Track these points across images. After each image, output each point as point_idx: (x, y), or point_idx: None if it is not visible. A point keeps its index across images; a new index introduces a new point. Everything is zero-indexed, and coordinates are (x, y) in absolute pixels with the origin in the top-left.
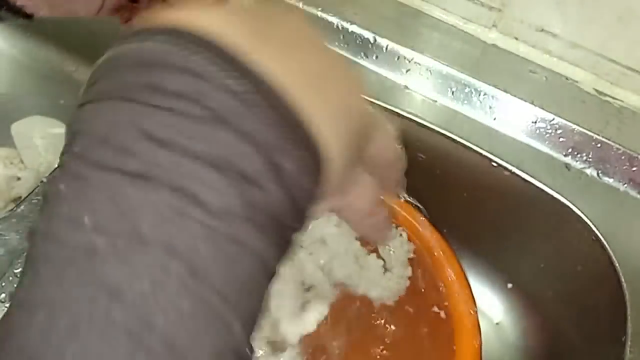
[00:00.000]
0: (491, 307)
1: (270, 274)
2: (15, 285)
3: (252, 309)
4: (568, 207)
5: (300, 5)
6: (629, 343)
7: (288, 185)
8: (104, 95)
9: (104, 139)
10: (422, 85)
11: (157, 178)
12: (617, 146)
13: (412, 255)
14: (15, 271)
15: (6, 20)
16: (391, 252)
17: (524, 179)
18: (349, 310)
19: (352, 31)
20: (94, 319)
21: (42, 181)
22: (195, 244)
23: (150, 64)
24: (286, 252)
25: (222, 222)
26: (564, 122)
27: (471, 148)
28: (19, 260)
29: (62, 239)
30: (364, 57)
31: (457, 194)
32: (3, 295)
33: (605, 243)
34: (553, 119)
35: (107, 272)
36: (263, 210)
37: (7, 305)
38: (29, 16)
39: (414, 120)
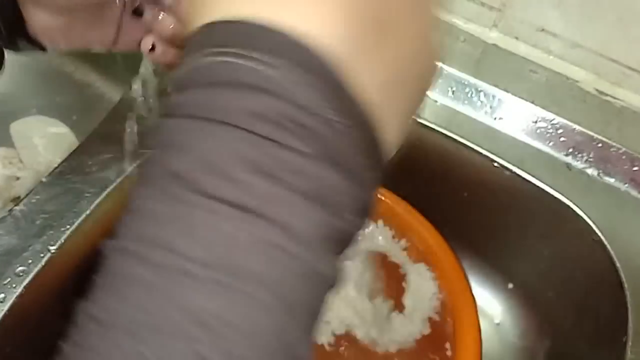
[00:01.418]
0: (491, 307)
1: (331, 290)
2: (24, 286)
3: (314, 329)
4: (569, 207)
5: None
6: (629, 343)
7: (365, 214)
8: (202, 112)
9: (209, 165)
10: None
11: (257, 210)
12: (618, 146)
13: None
14: (15, 271)
15: (24, 50)
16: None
17: (524, 179)
18: None
19: None
20: (177, 348)
21: (41, 181)
22: (284, 277)
23: (249, 86)
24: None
25: (309, 254)
26: (565, 122)
27: (472, 148)
28: (18, 260)
29: (154, 263)
30: None
31: (457, 194)
32: (2, 295)
33: (606, 243)
34: (554, 119)
35: (198, 301)
36: (341, 241)
37: (7, 305)
38: (44, 48)
39: (414, 120)
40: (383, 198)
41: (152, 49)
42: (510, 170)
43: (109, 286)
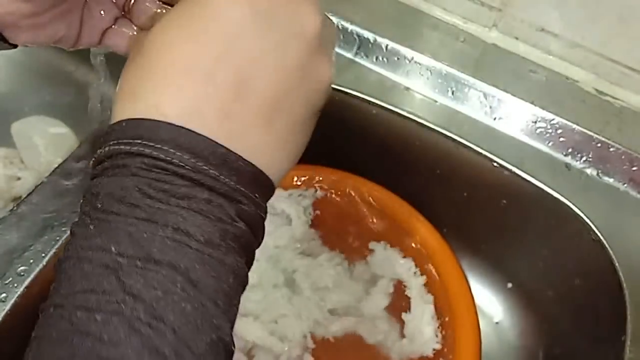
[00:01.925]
0: (491, 306)
1: (243, 284)
2: (25, 286)
3: (233, 311)
4: (568, 206)
5: None
6: (628, 343)
7: (249, 220)
8: (112, 172)
9: (119, 198)
10: (422, 85)
11: (160, 221)
12: (617, 146)
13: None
14: (17, 270)
15: None
16: None
17: (524, 179)
18: None
19: (352, 31)
20: (123, 314)
21: (42, 181)
22: (192, 264)
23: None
24: (251, 264)
25: (208, 248)
26: (564, 121)
27: (471, 148)
28: (19, 260)
29: (95, 261)
30: (364, 57)
31: (457, 194)
32: (3, 294)
33: (605, 243)
34: (553, 119)
35: (131, 283)
36: (235, 239)
37: (9, 304)
38: (11, 44)
39: (414, 120)
40: (383, 198)
41: None
42: (510, 170)
43: (63, 280)
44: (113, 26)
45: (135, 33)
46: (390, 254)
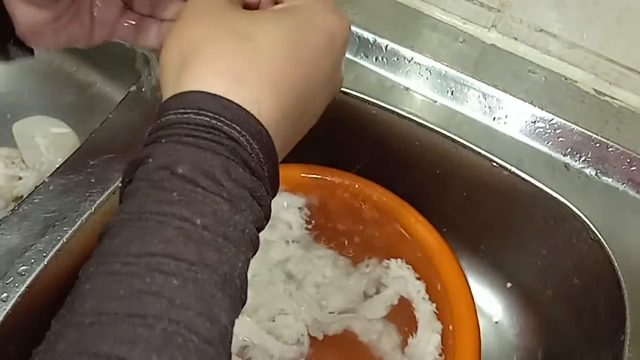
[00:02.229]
0: (490, 306)
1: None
2: (26, 286)
3: (237, 303)
4: (567, 206)
5: None
6: (627, 342)
7: (268, 204)
8: (194, 141)
9: (206, 173)
10: (421, 85)
11: (236, 205)
12: (616, 146)
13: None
14: (18, 270)
15: (14, 57)
16: None
17: (523, 179)
18: None
19: (352, 31)
20: (197, 283)
21: (43, 181)
22: (248, 249)
23: (204, 126)
24: (255, 252)
25: (258, 235)
26: (563, 122)
27: (471, 148)
28: (21, 260)
29: (179, 229)
30: (364, 57)
31: (456, 194)
32: (4, 294)
33: (604, 242)
34: (552, 119)
35: (209, 255)
36: (265, 220)
37: (10, 304)
38: (32, 52)
39: (414, 120)
40: (383, 198)
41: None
42: (509, 170)
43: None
44: (121, 18)
45: (137, 22)
46: (406, 273)
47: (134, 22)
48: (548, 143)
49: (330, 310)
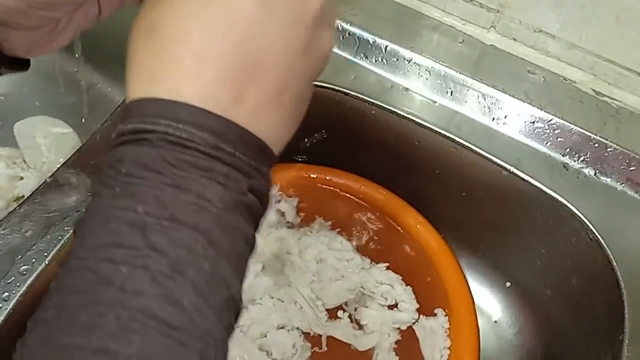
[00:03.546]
0: (489, 305)
1: (252, 249)
2: (28, 285)
3: (243, 273)
4: (566, 206)
5: None
6: (626, 342)
7: (259, 193)
8: (136, 144)
9: (144, 165)
10: (421, 86)
11: (183, 187)
12: (615, 146)
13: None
14: (19, 270)
15: (4, 74)
16: None
17: (522, 179)
18: None
19: (352, 32)
20: (148, 268)
21: (45, 181)
22: (211, 227)
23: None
24: (258, 230)
25: (226, 214)
26: (562, 122)
27: (470, 148)
28: (22, 260)
29: (122, 219)
30: (364, 58)
31: (456, 194)
32: (6, 294)
33: (602, 242)
34: (551, 119)
35: (156, 240)
36: (247, 209)
37: (11, 304)
38: (24, 66)
39: (413, 121)
40: (383, 198)
41: None
42: (508, 170)
43: (89, 233)
44: None
45: None
46: (434, 325)
47: None
48: (547, 143)
49: (328, 306)
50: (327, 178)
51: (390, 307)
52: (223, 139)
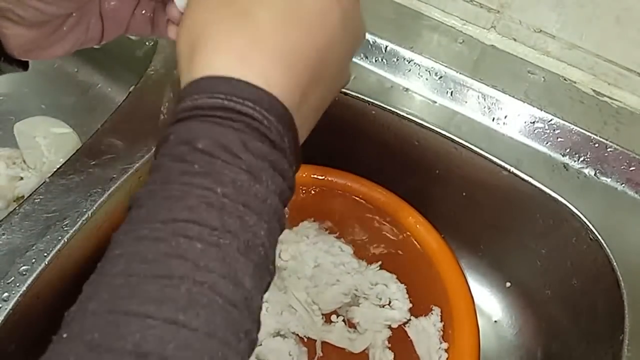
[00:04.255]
0: (489, 305)
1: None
2: (27, 285)
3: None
4: (566, 206)
5: None
6: (626, 342)
7: (293, 181)
8: (212, 120)
9: (224, 146)
10: (421, 86)
11: (256, 176)
12: (615, 146)
13: None
14: (19, 270)
15: (5, 72)
16: None
17: (522, 179)
18: None
19: None
20: (220, 248)
21: (45, 181)
22: (270, 217)
23: (232, 110)
24: (282, 226)
25: (280, 205)
26: (562, 122)
27: (470, 148)
28: (22, 260)
29: (201, 198)
30: (364, 58)
31: (456, 194)
32: (5, 294)
33: (603, 242)
34: (551, 119)
35: (231, 222)
36: (287, 200)
37: (11, 304)
38: (24, 66)
39: (413, 121)
40: (383, 198)
41: None
42: (508, 170)
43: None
44: (135, 11)
45: (150, 12)
46: (427, 325)
47: (149, 13)
48: (547, 143)
49: (324, 311)
50: (327, 178)
51: (382, 306)
52: (287, 136)
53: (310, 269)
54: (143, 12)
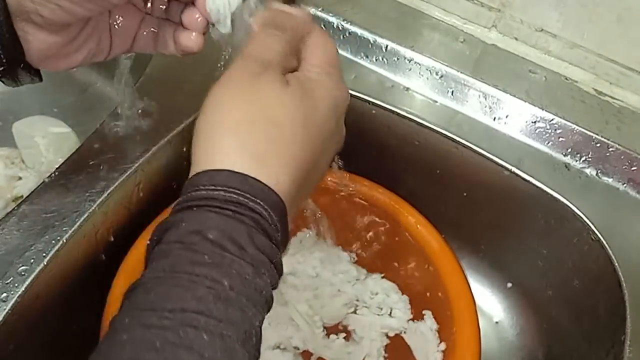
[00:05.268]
0: (491, 306)
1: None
2: (26, 286)
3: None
4: (567, 206)
5: (300, 5)
6: (628, 342)
7: (274, 275)
8: (220, 211)
9: (232, 239)
10: (422, 85)
11: (259, 269)
12: (617, 146)
13: None
14: (18, 270)
15: (23, 82)
16: None
17: (523, 179)
18: None
19: (352, 31)
20: (223, 339)
21: (43, 181)
22: (264, 307)
23: (230, 202)
24: (269, 311)
25: (272, 293)
26: (564, 122)
27: (471, 148)
28: (20, 260)
29: (209, 289)
30: (364, 57)
31: (456, 194)
32: (4, 294)
33: (604, 242)
34: (552, 119)
35: (234, 313)
36: (276, 284)
37: (10, 304)
38: (40, 77)
39: (414, 120)
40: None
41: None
42: (509, 170)
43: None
44: (141, 28)
45: (156, 29)
46: (425, 330)
47: (154, 30)
48: (548, 143)
49: (326, 324)
50: (326, 179)
51: (383, 315)
52: (282, 230)
53: (310, 279)
54: (148, 28)
